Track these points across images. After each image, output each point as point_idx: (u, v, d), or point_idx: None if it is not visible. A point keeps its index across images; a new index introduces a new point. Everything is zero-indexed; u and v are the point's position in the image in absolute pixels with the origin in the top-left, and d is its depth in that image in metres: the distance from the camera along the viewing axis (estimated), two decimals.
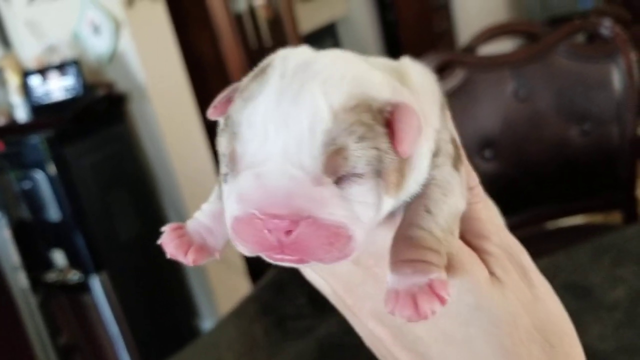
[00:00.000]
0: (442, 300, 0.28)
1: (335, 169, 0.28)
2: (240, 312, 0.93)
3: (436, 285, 0.29)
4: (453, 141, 0.34)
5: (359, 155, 0.28)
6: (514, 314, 0.32)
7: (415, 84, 0.33)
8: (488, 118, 1.40)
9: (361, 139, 0.28)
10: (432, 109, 0.32)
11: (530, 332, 0.32)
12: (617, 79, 1.35)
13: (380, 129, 0.29)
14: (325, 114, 0.28)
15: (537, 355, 0.32)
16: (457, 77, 1.38)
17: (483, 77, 1.39)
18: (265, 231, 0.28)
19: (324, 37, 3.72)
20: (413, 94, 0.31)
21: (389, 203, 0.30)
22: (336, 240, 0.28)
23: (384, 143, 0.29)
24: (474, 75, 1.39)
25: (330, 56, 0.31)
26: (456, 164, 0.33)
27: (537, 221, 1.46)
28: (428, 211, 0.31)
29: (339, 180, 0.28)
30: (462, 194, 0.33)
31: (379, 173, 0.29)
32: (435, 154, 0.32)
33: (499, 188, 1.40)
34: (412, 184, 0.31)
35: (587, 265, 0.86)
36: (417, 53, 1.41)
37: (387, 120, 0.29)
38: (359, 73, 0.30)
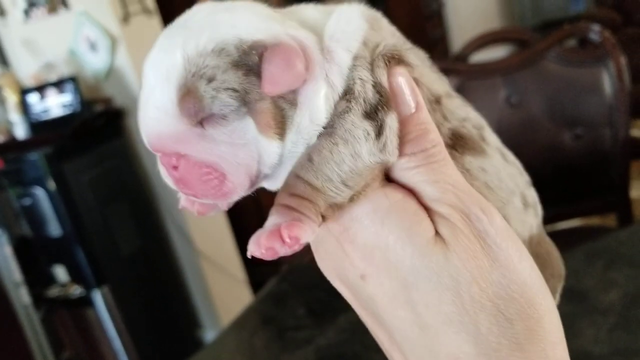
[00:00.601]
0: (285, 243, 0.29)
1: (192, 111, 0.29)
2: (241, 323, 0.95)
3: (283, 228, 0.29)
4: (380, 88, 0.31)
5: (211, 96, 0.29)
6: (457, 279, 0.29)
7: (323, 27, 0.32)
8: None
9: (211, 80, 0.29)
10: (344, 51, 0.31)
11: (479, 302, 0.29)
12: (607, 82, 1.36)
13: (242, 70, 0.29)
14: (179, 60, 0.29)
15: (486, 327, 0.29)
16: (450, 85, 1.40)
17: (475, 85, 1.41)
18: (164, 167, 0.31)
19: None
20: (312, 37, 0.31)
21: (274, 144, 0.30)
22: (208, 177, 0.30)
23: (246, 83, 0.29)
24: (466, 82, 1.40)
25: (215, 7, 0.32)
26: (372, 112, 0.31)
27: None
28: (310, 159, 0.31)
29: (203, 122, 0.30)
30: (372, 145, 0.30)
31: (247, 113, 0.29)
32: (342, 97, 0.31)
33: None
34: (308, 125, 0.31)
35: (580, 270, 0.87)
36: None
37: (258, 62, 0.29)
38: (230, 19, 0.30)
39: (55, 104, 2.14)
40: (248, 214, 2.59)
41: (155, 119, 0.30)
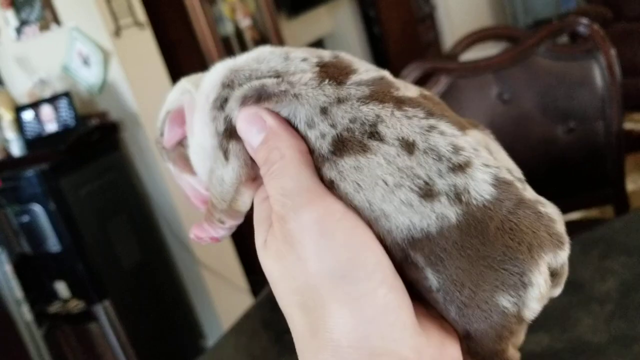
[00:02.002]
0: (193, 237, 0.41)
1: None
2: (239, 329, 0.95)
3: (192, 228, 0.41)
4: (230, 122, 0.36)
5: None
6: (271, 278, 0.32)
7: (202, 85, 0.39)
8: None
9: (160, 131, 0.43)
10: (203, 105, 0.37)
11: (287, 296, 0.32)
12: (598, 75, 1.37)
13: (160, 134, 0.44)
14: (161, 117, 0.43)
15: (297, 320, 0.31)
16: (441, 84, 1.40)
17: (467, 83, 1.41)
18: None
19: None
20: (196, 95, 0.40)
21: (194, 179, 0.42)
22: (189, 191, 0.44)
23: (162, 143, 0.44)
24: (458, 81, 1.41)
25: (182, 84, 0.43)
26: (221, 142, 0.36)
27: None
28: (209, 179, 0.38)
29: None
30: (225, 169, 0.36)
31: (169, 161, 0.45)
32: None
33: None
34: (194, 158, 0.39)
35: (576, 260, 0.87)
36: (405, 64, 1.42)
37: None
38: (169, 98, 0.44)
39: (50, 120, 2.15)
40: (247, 223, 2.59)
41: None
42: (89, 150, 2.12)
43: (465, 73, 1.41)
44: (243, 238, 2.57)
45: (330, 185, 0.32)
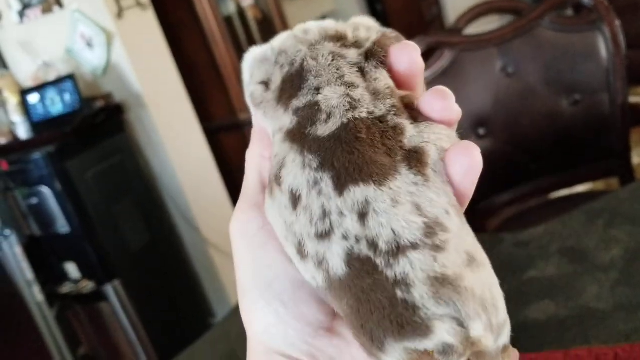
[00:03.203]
0: None
1: None
2: None
3: None
4: None
5: None
6: None
7: None
8: (479, 96, 1.41)
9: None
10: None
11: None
12: (603, 47, 1.36)
13: None
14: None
15: None
16: (445, 58, 1.40)
17: (471, 57, 1.41)
18: None
19: None
20: None
21: None
22: None
23: None
24: (461, 55, 1.40)
25: None
26: None
27: (538, 193, 1.48)
28: None
29: None
30: None
31: None
32: None
33: (496, 164, 1.42)
34: None
35: (581, 230, 0.87)
36: (409, 39, 1.43)
37: None
38: None
39: (55, 103, 2.16)
40: None
41: None
42: (94, 132, 2.13)
43: (468, 47, 1.41)
44: None
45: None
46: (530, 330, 0.72)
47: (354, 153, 0.27)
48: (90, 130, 2.11)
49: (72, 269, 2.14)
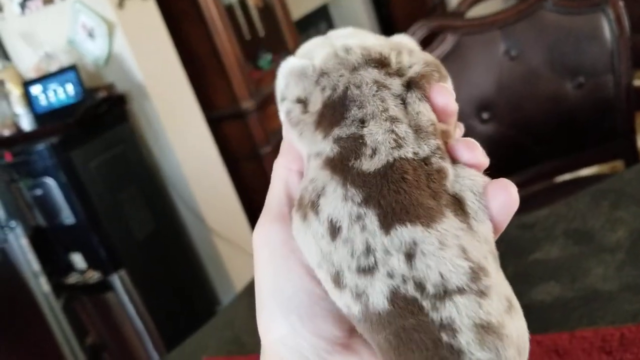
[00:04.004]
0: None
1: None
2: (252, 290, 0.96)
3: None
4: None
5: None
6: None
7: None
8: (482, 80, 1.41)
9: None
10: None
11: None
12: (607, 28, 1.35)
13: None
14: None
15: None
16: (447, 42, 1.39)
17: (473, 40, 1.40)
18: None
19: (318, 20, 3.72)
20: None
21: None
22: None
23: None
24: (464, 39, 1.39)
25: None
26: None
27: (543, 177, 1.47)
28: None
29: None
30: None
31: None
32: None
33: (500, 148, 1.41)
34: None
35: (586, 212, 0.87)
36: (411, 24, 1.41)
37: None
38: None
39: (58, 94, 2.16)
40: (257, 190, 2.61)
41: None
42: (97, 123, 2.13)
43: (471, 30, 1.40)
44: (253, 203, 2.58)
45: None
46: (536, 312, 0.72)
47: (401, 193, 0.27)
48: (93, 121, 2.11)
49: (78, 260, 2.15)
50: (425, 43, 1.36)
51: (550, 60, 1.39)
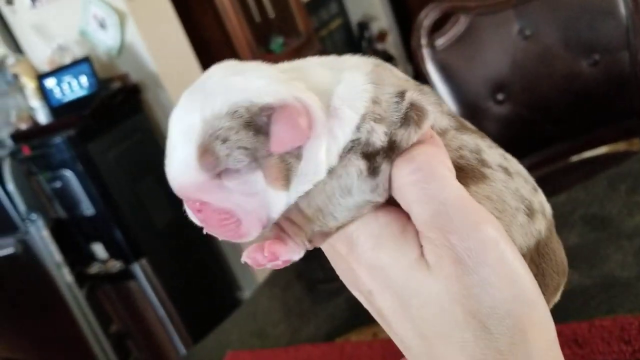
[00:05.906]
0: (266, 257, 0.35)
1: (210, 166, 0.33)
2: (273, 280, 0.97)
3: (266, 244, 0.35)
4: (394, 142, 0.34)
5: (226, 154, 0.32)
6: (440, 299, 0.31)
7: (332, 87, 0.35)
8: (497, 61, 1.39)
9: (225, 140, 0.32)
10: (349, 109, 0.34)
11: (464, 320, 0.31)
12: (622, 4, 1.33)
13: (252, 131, 0.33)
14: (197, 123, 0.33)
15: (472, 341, 0.31)
16: (461, 24, 1.38)
17: (487, 21, 1.38)
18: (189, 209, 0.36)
19: (328, 2, 3.68)
20: (315, 97, 0.34)
21: (281, 194, 0.34)
22: (226, 222, 0.35)
23: (256, 142, 0.33)
24: (477, 20, 1.38)
25: (227, 71, 0.35)
26: (371, 155, 0.33)
27: (558, 157, 1.46)
28: (307, 193, 0.34)
29: (221, 174, 0.33)
30: (363, 183, 0.33)
31: (257, 167, 0.33)
32: (346, 150, 0.34)
33: (516, 129, 1.40)
34: (311, 175, 0.34)
35: (604, 197, 0.87)
36: (423, 6, 1.39)
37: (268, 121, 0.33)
38: (242, 83, 0.34)
39: (72, 86, 2.17)
40: None
41: (179, 171, 0.35)
42: (113, 114, 2.14)
43: (484, 10, 1.38)
44: None
45: None
46: None
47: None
48: (109, 112, 2.12)
49: (99, 250, 2.17)
50: (438, 26, 1.35)
51: (565, 38, 1.37)
